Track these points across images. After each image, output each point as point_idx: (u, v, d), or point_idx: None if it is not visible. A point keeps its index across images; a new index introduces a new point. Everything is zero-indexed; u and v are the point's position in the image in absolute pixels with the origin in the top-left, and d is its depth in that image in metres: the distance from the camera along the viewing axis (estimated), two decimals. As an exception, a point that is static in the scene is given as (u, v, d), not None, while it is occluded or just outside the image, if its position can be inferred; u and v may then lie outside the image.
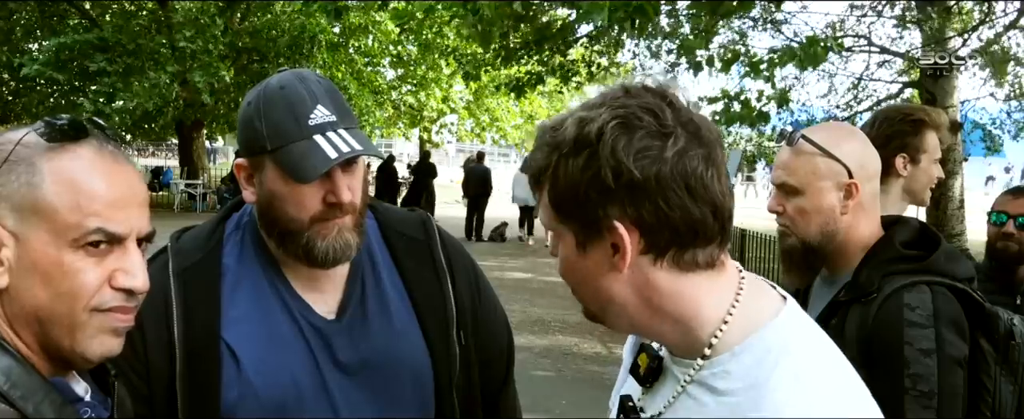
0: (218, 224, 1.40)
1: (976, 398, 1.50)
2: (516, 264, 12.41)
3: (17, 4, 17.19)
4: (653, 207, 0.84)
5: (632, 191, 0.83)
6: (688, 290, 0.88)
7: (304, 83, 1.27)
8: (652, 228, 0.85)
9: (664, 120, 0.84)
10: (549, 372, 6.50)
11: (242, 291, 1.34)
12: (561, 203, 0.88)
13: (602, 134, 0.84)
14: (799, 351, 0.85)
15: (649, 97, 0.87)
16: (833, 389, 0.83)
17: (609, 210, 0.85)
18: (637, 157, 0.83)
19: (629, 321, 0.92)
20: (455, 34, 18.97)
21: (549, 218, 0.92)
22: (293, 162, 1.23)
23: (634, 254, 0.86)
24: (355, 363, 1.33)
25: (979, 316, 1.52)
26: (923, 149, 2.01)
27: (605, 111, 0.86)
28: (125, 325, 0.95)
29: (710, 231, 0.86)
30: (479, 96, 25.04)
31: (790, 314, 0.90)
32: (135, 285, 0.93)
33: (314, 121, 1.24)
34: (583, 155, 0.85)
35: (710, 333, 0.88)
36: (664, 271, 0.87)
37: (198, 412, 1.27)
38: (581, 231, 0.89)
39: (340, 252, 1.28)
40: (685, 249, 0.86)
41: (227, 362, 1.28)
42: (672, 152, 0.83)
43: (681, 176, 0.83)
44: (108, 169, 0.92)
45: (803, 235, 1.62)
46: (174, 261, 1.33)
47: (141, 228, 0.95)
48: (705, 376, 0.88)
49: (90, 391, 1.00)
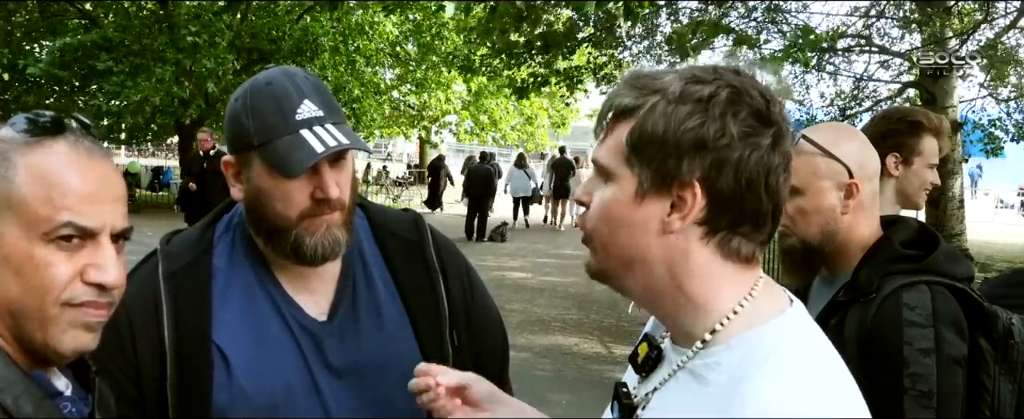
0: (208, 226, 1.39)
1: (975, 397, 1.50)
2: (516, 264, 12.41)
3: (17, 4, 17.18)
4: (734, 183, 0.85)
5: (724, 158, 0.85)
6: (716, 277, 0.89)
7: (291, 79, 1.27)
8: (722, 202, 0.86)
9: (772, 108, 0.86)
10: (549, 372, 6.50)
11: (233, 293, 1.33)
12: (644, 144, 0.87)
13: (716, 95, 0.85)
14: (791, 351, 0.84)
15: (760, 84, 0.88)
16: (821, 391, 0.82)
17: (694, 166, 0.85)
18: (742, 130, 0.84)
19: (646, 285, 0.91)
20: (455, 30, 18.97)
21: (614, 157, 0.90)
22: (280, 157, 1.22)
23: (690, 220, 0.86)
24: (347, 365, 1.33)
25: (978, 315, 1.52)
26: (917, 152, 2.01)
27: (719, 78, 0.86)
28: (98, 320, 0.95)
29: (764, 228, 0.88)
30: (479, 97, 25.05)
31: (793, 316, 0.90)
32: (106, 280, 0.93)
33: (301, 116, 1.23)
34: (689, 106, 0.85)
35: (715, 322, 0.88)
36: (707, 250, 0.88)
37: (189, 415, 1.26)
38: (650, 178, 0.87)
39: (329, 249, 1.27)
40: (734, 235, 0.87)
41: (218, 365, 1.27)
42: (767, 141, 0.86)
43: (767, 166, 0.86)
44: (82, 164, 0.92)
45: (803, 235, 1.62)
46: (164, 263, 1.32)
47: (115, 223, 0.95)
48: (696, 365, 0.88)
49: (71, 387, 1.00)
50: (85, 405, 1.01)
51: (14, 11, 17.27)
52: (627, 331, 7.70)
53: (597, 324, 8.08)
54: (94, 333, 0.96)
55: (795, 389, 0.80)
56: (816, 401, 0.80)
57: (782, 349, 0.84)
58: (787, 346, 0.85)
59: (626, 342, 7.43)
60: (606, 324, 8.07)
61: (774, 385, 0.80)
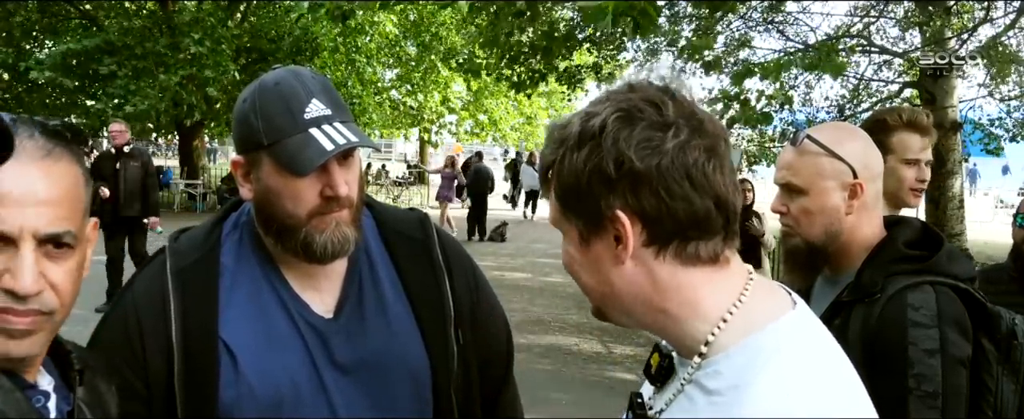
0: (216, 224, 1.40)
1: (978, 398, 1.50)
2: (516, 264, 12.41)
3: (16, 4, 17.18)
4: (655, 198, 0.84)
5: (634, 181, 0.84)
6: (688, 284, 0.88)
7: (298, 78, 1.28)
8: (654, 219, 0.85)
9: (666, 112, 0.85)
10: (549, 372, 6.50)
11: (240, 290, 1.33)
12: (566, 196, 0.89)
13: (605, 126, 0.85)
14: (791, 354, 0.83)
15: (652, 91, 0.87)
16: (819, 394, 0.81)
17: (612, 201, 0.85)
18: (638, 147, 0.83)
19: (632, 315, 0.92)
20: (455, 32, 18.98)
21: (555, 213, 0.93)
22: (289, 156, 1.23)
23: (636, 245, 0.86)
24: (352, 362, 1.33)
25: (981, 316, 1.52)
26: (888, 149, 1.98)
27: (609, 105, 0.86)
28: (22, 327, 0.92)
29: (713, 224, 0.86)
30: (479, 97, 25.08)
31: (795, 318, 0.89)
32: (15, 287, 0.90)
33: (309, 115, 1.24)
34: (587, 147, 0.86)
35: (708, 331, 0.87)
36: (666, 264, 0.87)
37: (196, 411, 1.27)
38: (584, 224, 0.89)
39: (338, 246, 1.28)
40: (687, 242, 0.86)
41: (225, 361, 1.28)
42: (673, 143, 0.84)
43: (682, 167, 0.84)
44: (5, 166, 0.88)
45: (807, 235, 1.61)
46: (172, 261, 1.33)
47: (36, 228, 0.91)
48: (700, 376, 0.87)
49: (54, 384, 1.00)
50: (67, 403, 1.01)
51: (14, 11, 17.25)
52: (627, 331, 7.69)
53: (597, 324, 8.06)
54: (18, 339, 0.92)
55: (791, 395, 0.79)
56: (812, 406, 0.79)
57: (780, 354, 0.83)
58: (785, 350, 0.84)
59: (626, 342, 7.43)
60: (606, 324, 8.03)
61: (770, 391, 0.80)
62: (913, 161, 2.02)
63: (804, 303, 0.94)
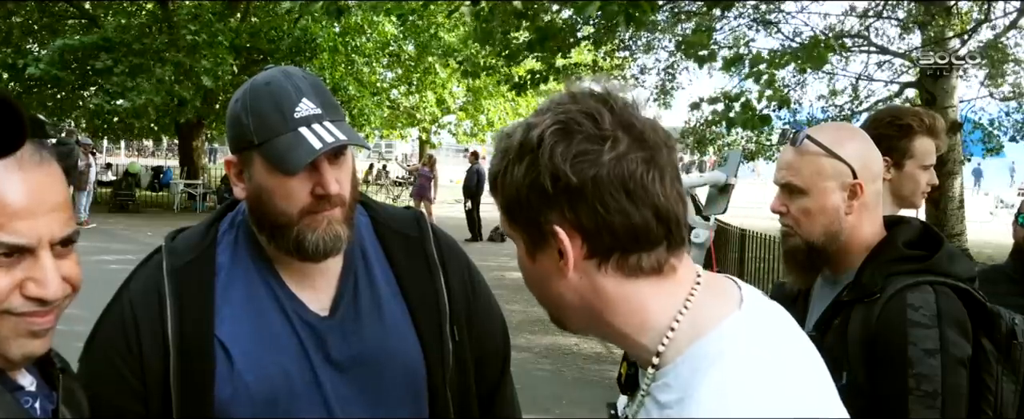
0: (212, 224, 1.41)
1: (978, 398, 1.50)
2: (516, 264, 12.39)
3: (16, 4, 17.19)
4: (591, 211, 0.83)
5: (570, 196, 0.83)
6: (634, 296, 0.87)
7: (289, 78, 1.28)
8: (592, 233, 0.84)
9: (602, 124, 0.84)
10: (549, 372, 6.50)
11: (235, 289, 1.34)
12: (509, 208, 0.89)
13: (542, 140, 0.84)
14: (732, 358, 0.81)
15: (590, 101, 0.86)
16: (760, 395, 0.79)
17: (550, 216, 0.85)
18: (574, 162, 0.82)
19: (586, 326, 0.93)
20: (453, 31, 18.98)
21: (503, 224, 0.93)
22: (279, 154, 1.24)
23: (577, 259, 0.86)
24: (348, 360, 1.34)
25: (981, 316, 1.52)
26: (909, 154, 1.99)
27: (548, 117, 0.85)
28: (44, 326, 0.94)
29: (653, 235, 0.85)
30: (477, 97, 25.09)
31: (740, 318, 0.87)
32: (45, 295, 0.92)
33: (300, 114, 1.25)
34: (525, 161, 0.85)
35: (657, 341, 0.86)
36: (610, 277, 0.86)
37: (192, 409, 1.28)
38: (528, 237, 0.89)
39: (330, 244, 1.29)
40: (628, 254, 0.85)
41: (220, 359, 1.29)
42: (609, 156, 0.82)
43: (619, 179, 0.83)
44: (11, 177, 0.90)
45: (807, 235, 1.61)
46: (168, 260, 1.34)
47: (53, 234, 0.93)
48: (654, 388, 0.87)
49: (36, 384, 1.01)
50: (50, 401, 1.01)
51: (13, 11, 17.26)
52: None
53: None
54: (43, 338, 0.95)
55: (729, 399, 0.78)
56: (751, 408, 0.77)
57: (722, 358, 0.81)
58: (728, 354, 0.82)
59: (626, 342, 7.42)
60: (606, 324, 8.05)
61: (709, 398, 0.78)
62: (929, 166, 2.04)
63: (755, 297, 0.92)
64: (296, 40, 17.43)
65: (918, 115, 2.05)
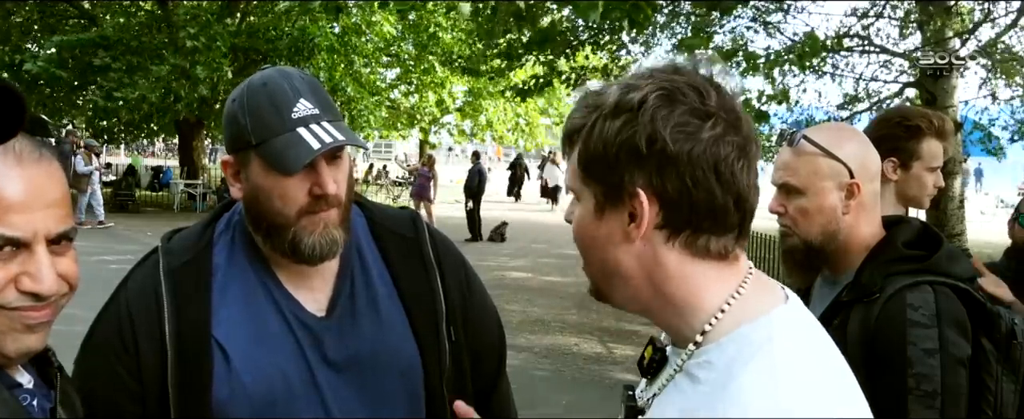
0: (209, 224, 1.41)
1: (978, 397, 1.50)
2: (516, 264, 12.40)
3: (15, 3, 17.21)
4: (679, 182, 0.84)
5: (662, 161, 0.84)
6: (694, 276, 0.88)
7: (286, 78, 1.29)
8: (673, 204, 0.85)
9: (708, 101, 0.85)
10: (549, 372, 6.49)
11: (232, 289, 1.34)
12: (590, 162, 0.89)
13: (644, 102, 0.84)
14: (781, 345, 0.83)
15: (697, 78, 0.87)
16: (807, 386, 0.80)
17: (636, 176, 0.85)
18: (674, 129, 0.83)
19: (632, 296, 0.92)
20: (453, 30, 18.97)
21: (574, 178, 0.92)
22: (277, 154, 1.24)
23: (649, 226, 0.86)
24: (345, 360, 1.34)
25: (981, 316, 1.52)
26: (916, 156, 1.99)
27: (652, 82, 0.86)
28: (40, 321, 0.95)
29: (729, 221, 0.86)
30: (477, 97, 25.10)
31: (787, 311, 0.89)
32: (39, 289, 0.93)
33: (297, 114, 1.25)
34: (622, 118, 0.85)
35: (705, 321, 0.87)
36: (675, 252, 0.87)
37: (190, 410, 1.28)
38: (603, 194, 0.88)
39: (326, 248, 1.29)
40: (700, 233, 0.86)
41: (218, 359, 1.29)
42: (709, 134, 0.84)
43: (713, 159, 0.84)
44: (8, 173, 0.91)
45: (805, 235, 1.61)
46: (165, 261, 1.34)
47: (49, 229, 0.93)
48: (691, 365, 0.87)
49: (34, 382, 1.01)
50: (47, 400, 1.02)
51: (13, 11, 17.27)
52: (627, 331, 7.70)
53: (597, 324, 8.06)
54: (39, 333, 0.96)
55: (780, 387, 0.79)
56: (801, 400, 0.78)
57: (771, 345, 0.83)
58: (776, 342, 0.83)
59: (626, 342, 7.43)
60: (606, 324, 8.06)
61: (758, 383, 0.79)
62: (936, 168, 2.04)
63: (797, 298, 0.94)
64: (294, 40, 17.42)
65: (927, 116, 2.04)
